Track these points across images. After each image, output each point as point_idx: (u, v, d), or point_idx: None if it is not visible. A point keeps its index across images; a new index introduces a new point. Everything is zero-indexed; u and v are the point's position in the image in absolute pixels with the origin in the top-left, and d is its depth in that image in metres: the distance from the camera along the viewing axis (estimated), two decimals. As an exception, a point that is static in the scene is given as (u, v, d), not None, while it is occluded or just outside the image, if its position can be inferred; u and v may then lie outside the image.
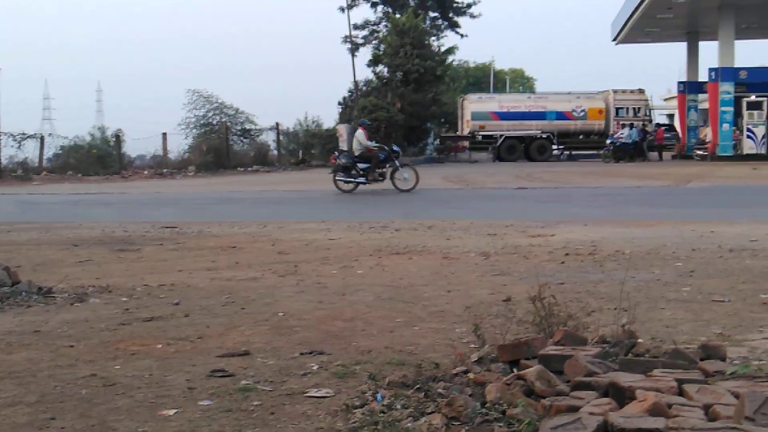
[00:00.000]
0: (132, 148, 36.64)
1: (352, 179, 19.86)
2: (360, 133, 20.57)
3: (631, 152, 36.99)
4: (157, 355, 4.75)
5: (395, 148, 21.09)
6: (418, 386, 3.71)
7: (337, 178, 20.03)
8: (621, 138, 37.33)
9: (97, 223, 12.99)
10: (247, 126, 39.35)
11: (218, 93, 41.12)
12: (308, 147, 40.31)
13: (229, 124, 38.23)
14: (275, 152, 39.31)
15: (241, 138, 39.45)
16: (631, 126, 38.72)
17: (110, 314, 5.93)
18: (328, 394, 3.90)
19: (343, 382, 4.08)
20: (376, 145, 20.99)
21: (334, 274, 7.63)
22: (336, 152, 20.95)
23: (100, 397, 3.94)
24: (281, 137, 39.64)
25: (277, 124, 39.34)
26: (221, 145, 36.36)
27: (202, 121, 38.85)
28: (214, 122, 38.79)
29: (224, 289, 6.86)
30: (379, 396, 3.64)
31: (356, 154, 20.13)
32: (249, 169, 34.73)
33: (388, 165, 19.99)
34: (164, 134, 36.51)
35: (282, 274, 7.71)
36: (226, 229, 11.92)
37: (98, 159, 33.47)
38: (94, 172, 31.46)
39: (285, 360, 4.57)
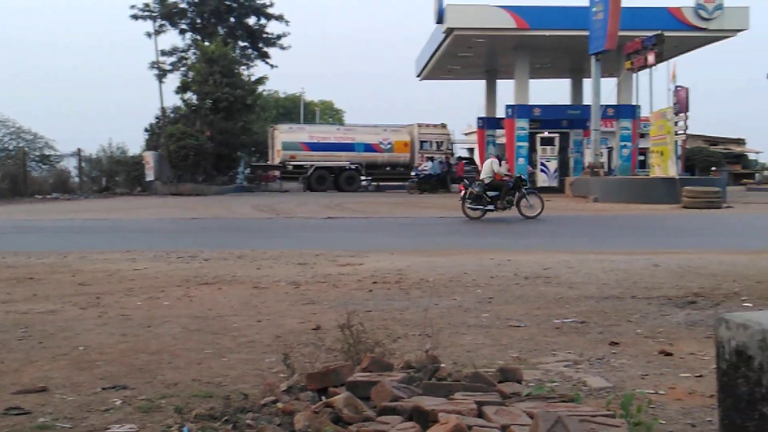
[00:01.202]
0: None
1: (481, 207, 20.13)
2: (494, 162, 20.87)
3: (434, 183, 38.96)
4: (-56, 395, 4.43)
5: (524, 176, 21.73)
6: (226, 418, 3.67)
7: (467, 205, 20.17)
8: (425, 170, 39.29)
9: None
10: (47, 152, 37.56)
11: (14, 112, 39.03)
12: (112, 174, 38.96)
13: (27, 149, 36.31)
14: (77, 179, 37.70)
15: (40, 164, 37.57)
16: (433, 159, 40.47)
17: None
18: (131, 430, 3.78)
19: (148, 417, 3.98)
20: (507, 173, 21.28)
21: (139, 306, 7.41)
22: (466, 181, 21.01)
23: None
24: (83, 164, 38.08)
25: (79, 150, 37.84)
26: (18, 172, 34.46)
27: (-3, 147, 36.73)
28: (11, 147, 36.72)
29: (20, 323, 6.49)
30: (185, 429, 3.57)
31: (486, 182, 20.32)
32: (48, 196, 33.08)
33: (516, 192, 20.39)
34: (-47, 160, 34.21)
35: (83, 306, 7.39)
36: (23, 259, 11.29)
37: None
38: None
39: (86, 395, 4.39)
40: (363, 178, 42.49)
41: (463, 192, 20.31)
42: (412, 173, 40.58)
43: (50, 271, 10.01)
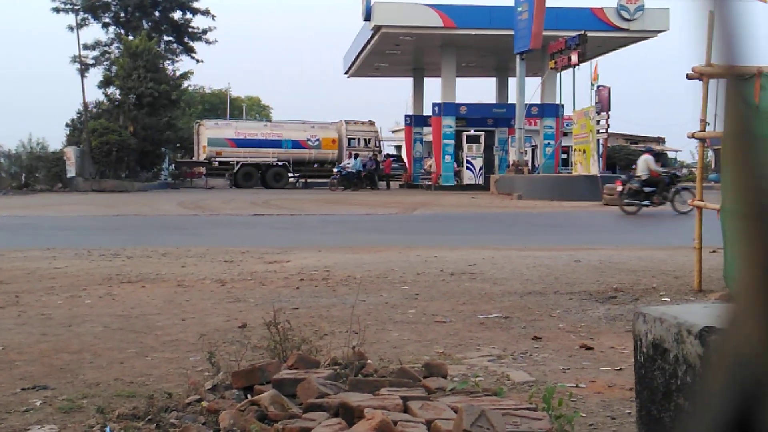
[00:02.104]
0: None
1: (638, 202, 20.65)
2: (649, 158, 21.25)
3: (356, 181, 38.80)
4: None
5: (678, 173, 22.18)
6: (149, 417, 3.63)
7: (624, 201, 20.69)
8: (347, 167, 39.08)
9: None
10: (-38, 146, 36.38)
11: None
12: (32, 170, 37.92)
13: (-62, 143, 35.14)
14: (-6, 175, 36.63)
15: (-46, 159, 36.40)
16: (356, 156, 40.32)
17: None
18: (52, 430, 3.71)
19: (69, 417, 3.90)
20: (664, 170, 21.75)
21: (60, 305, 7.25)
22: (624, 177, 21.62)
23: None
24: (2, 159, 37.02)
25: (-3, 145, 36.72)
26: (-70, 167, 33.33)
27: None
28: None
29: (-67, 324, 6.30)
30: (108, 429, 3.52)
31: (643, 178, 20.78)
32: (-37, 192, 32.06)
33: (672, 188, 20.73)
34: None
35: (1, 305, 7.20)
36: (-64, 258, 10.93)
37: None
38: None
39: (5, 396, 4.28)
40: (290, 174, 42.30)
41: (620, 188, 21.06)
42: (335, 170, 40.27)
43: (-34, 269, 9.72)
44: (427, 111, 42.21)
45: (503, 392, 3.94)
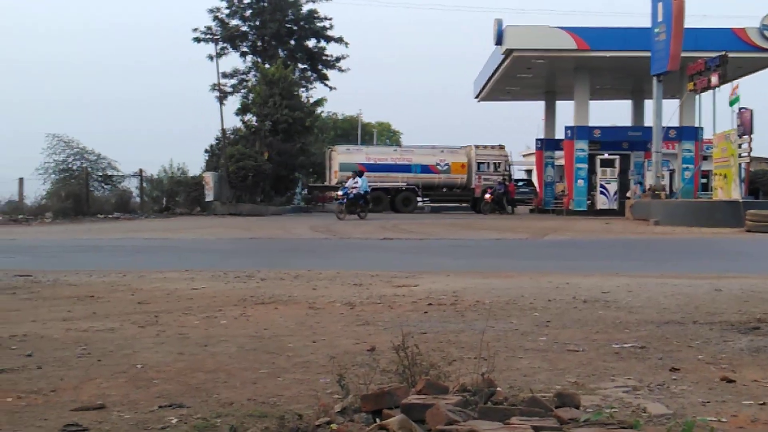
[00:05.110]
0: (-16, 194, 34.99)
1: None
2: None
3: (362, 205, 32.90)
4: (7, 409, 4.51)
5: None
6: (280, 438, 3.66)
7: None
8: (355, 188, 32.68)
9: (-57, 271, 12.28)
10: (109, 172, 38.34)
11: (79, 133, 40.06)
12: (173, 194, 39.60)
13: (89, 169, 37.14)
14: (138, 199, 38.41)
15: (102, 184, 38.37)
16: (360, 174, 33.80)
17: (-45, 367, 5.60)
18: (187, 448, 3.80)
19: (204, 436, 3.99)
20: None
21: (197, 325, 7.47)
22: None
23: (-60, 456, 3.70)
24: (145, 184, 38.80)
25: (141, 170, 38.57)
26: (81, 191, 35.26)
27: (61, 167, 37.58)
28: (75, 168, 37.57)
29: (80, 341, 6.60)
30: (240, 449, 3.58)
31: None
32: (110, 216, 33.74)
33: None
34: (21, 179, 35.18)
35: (142, 324, 7.49)
36: (84, 277, 11.50)
37: (-51, 205, 31.82)
38: (-56, 219, 29.87)
39: (143, 413, 4.43)
40: (419, 199, 42.49)
41: None
42: (339, 192, 33.53)
43: (110, 289, 10.18)
44: (559, 134, 41.64)
45: (639, 425, 3.78)
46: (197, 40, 46.87)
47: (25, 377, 5.31)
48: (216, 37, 45.96)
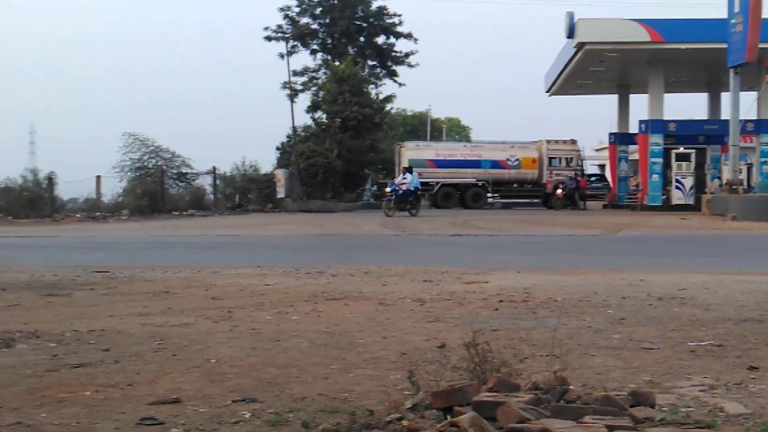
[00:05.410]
0: (64, 191, 36.03)
1: None
2: None
3: (413, 201, 31.49)
4: (85, 403, 4.63)
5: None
6: (351, 434, 3.68)
7: None
8: (404, 184, 31.38)
9: (26, 267, 12.67)
10: (184, 170, 39.05)
11: (154, 135, 40.83)
12: (245, 192, 40.16)
13: (164, 167, 37.90)
14: (211, 196, 39.05)
15: (177, 182, 39.11)
16: (410, 170, 32.90)
17: (38, 360, 5.77)
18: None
19: (276, 430, 4.03)
20: None
21: (269, 320, 7.56)
22: None
23: (23, 447, 3.82)
24: (218, 181, 39.42)
25: (214, 168, 39.18)
26: (156, 189, 36.01)
27: (137, 165, 38.43)
28: (150, 165, 38.39)
29: (156, 335, 6.74)
30: (312, 444, 3.60)
31: None
32: (184, 213, 34.38)
33: None
34: (98, 177, 36.09)
35: (215, 319, 7.61)
36: (159, 273, 11.74)
37: (30, 201, 32.78)
38: (25, 215, 30.78)
39: (216, 407, 4.50)
40: (489, 195, 42.23)
41: None
42: (388, 189, 32.43)
43: (185, 285, 10.37)
44: (633, 128, 40.90)
45: (717, 424, 3.69)
46: (268, 38, 47.47)
47: (103, 371, 5.45)
48: (287, 35, 46.43)
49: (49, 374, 5.35)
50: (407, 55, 49.79)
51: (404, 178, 31.75)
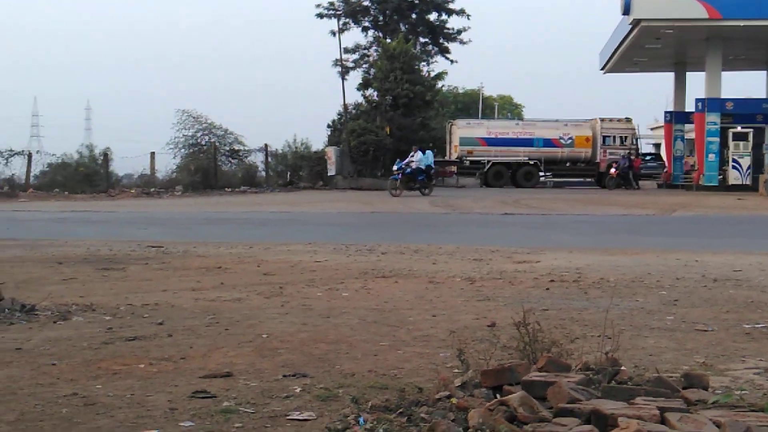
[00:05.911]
0: (119, 167, 36.50)
1: None
2: None
3: (423, 181, 30.20)
4: (140, 375, 4.72)
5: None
6: (401, 410, 3.69)
7: None
8: (412, 163, 29.97)
9: (83, 242, 12.93)
10: (236, 147, 39.29)
11: (207, 113, 40.92)
12: (296, 169, 40.31)
13: (217, 144, 38.21)
14: (263, 173, 39.27)
15: (230, 158, 39.40)
16: (422, 149, 31.86)
17: (93, 333, 5.90)
18: (310, 417, 3.88)
19: (326, 405, 4.07)
20: None
21: (320, 297, 7.62)
22: None
23: (80, 417, 3.91)
24: (270, 159, 39.63)
25: (266, 145, 39.36)
26: (209, 165, 36.34)
27: (190, 141, 38.79)
28: (203, 142, 38.72)
29: (208, 310, 6.84)
30: (361, 420, 3.62)
31: None
32: (236, 189, 34.68)
33: None
34: (152, 153, 36.55)
35: (267, 295, 7.69)
36: (212, 249, 11.89)
37: (86, 177, 33.30)
38: (81, 191, 31.31)
39: (268, 382, 4.55)
40: (541, 173, 41.79)
41: None
42: (395, 167, 30.78)
43: (237, 261, 10.49)
44: (689, 107, 40.10)
45: (773, 409, 3.62)
46: (320, 15, 47.36)
47: (156, 344, 5.54)
48: (338, 12, 46.32)
49: (104, 347, 5.47)
50: (459, 31, 49.32)
51: (412, 156, 30.22)
